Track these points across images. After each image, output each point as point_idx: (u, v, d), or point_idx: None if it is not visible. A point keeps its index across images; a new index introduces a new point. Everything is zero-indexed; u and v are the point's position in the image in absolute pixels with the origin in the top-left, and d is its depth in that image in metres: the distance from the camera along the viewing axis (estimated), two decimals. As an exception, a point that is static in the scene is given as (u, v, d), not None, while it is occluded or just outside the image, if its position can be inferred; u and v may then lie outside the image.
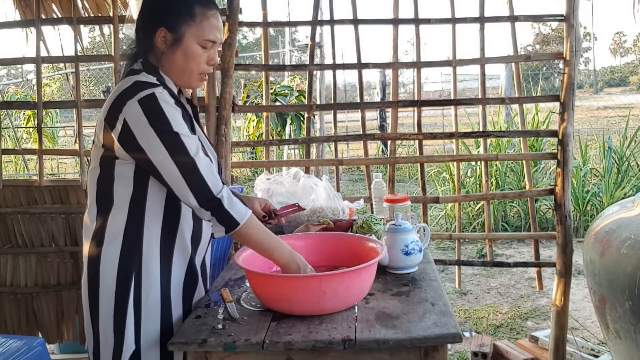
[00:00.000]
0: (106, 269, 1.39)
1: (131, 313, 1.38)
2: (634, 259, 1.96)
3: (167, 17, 1.41)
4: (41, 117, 2.72)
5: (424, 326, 1.27)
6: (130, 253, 1.38)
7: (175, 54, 1.42)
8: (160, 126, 1.32)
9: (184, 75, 1.45)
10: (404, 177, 8.28)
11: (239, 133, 10.44)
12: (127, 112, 1.33)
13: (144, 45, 1.44)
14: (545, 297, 3.93)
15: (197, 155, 1.35)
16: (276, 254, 1.44)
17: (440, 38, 3.64)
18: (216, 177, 1.38)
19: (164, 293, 1.42)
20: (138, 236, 1.39)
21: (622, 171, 5.88)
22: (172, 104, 1.36)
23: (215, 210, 1.35)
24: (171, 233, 1.43)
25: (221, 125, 2.60)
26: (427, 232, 1.80)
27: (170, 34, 1.41)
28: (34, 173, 8.17)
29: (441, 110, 12.53)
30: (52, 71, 11.80)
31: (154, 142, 1.32)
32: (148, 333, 1.40)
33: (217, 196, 1.35)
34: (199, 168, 1.34)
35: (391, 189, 2.72)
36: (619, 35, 46.61)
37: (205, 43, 1.43)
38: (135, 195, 1.39)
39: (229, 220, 1.37)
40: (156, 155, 1.33)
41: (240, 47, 17.39)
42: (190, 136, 1.36)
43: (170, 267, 1.43)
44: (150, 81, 1.38)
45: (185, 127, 1.36)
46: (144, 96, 1.33)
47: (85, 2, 2.74)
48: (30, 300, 2.80)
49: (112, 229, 1.39)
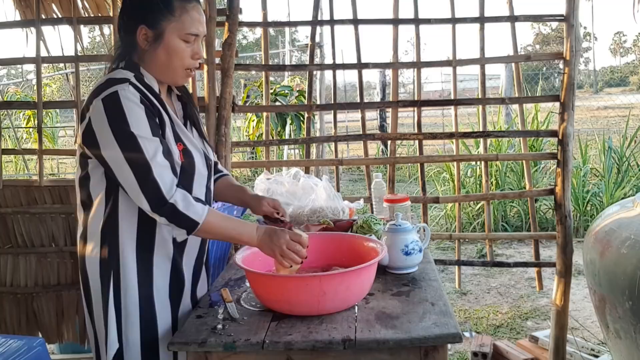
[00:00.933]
0: (90, 268, 1.40)
1: (112, 312, 1.37)
2: (634, 259, 1.96)
3: (146, 14, 1.39)
4: (41, 117, 2.72)
5: (424, 326, 1.27)
6: (109, 251, 1.38)
7: (158, 51, 1.40)
8: (117, 126, 1.31)
9: (168, 71, 1.43)
10: (404, 177, 8.27)
11: (239, 133, 10.44)
12: (91, 110, 1.33)
13: (126, 44, 1.42)
14: (545, 297, 3.92)
15: (153, 158, 1.31)
16: (245, 237, 1.42)
17: (440, 38, 3.63)
18: (171, 182, 1.33)
19: (144, 294, 1.40)
20: (114, 234, 1.38)
21: (622, 171, 5.88)
22: (135, 102, 1.33)
23: (170, 216, 1.32)
24: (148, 232, 1.40)
25: (221, 125, 2.60)
26: (427, 232, 1.80)
27: (151, 30, 1.39)
28: (34, 173, 8.17)
29: (441, 110, 12.54)
30: (52, 71, 11.81)
31: (109, 142, 1.31)
32: (128, 333, 1.39)
33: (169, 201, 1.31)
34: (152, 171, 1.31)
35: (391, 189, 2.71)
36: (619, 35, 46.63)
37: (188, 37, 1.41)
38: (108, 193, 1.38)
39: (188, 221, 1.34)
40: (111, 155, 1.32)
41: (240, 47, 17.41)
42: (149, 138, 1.32)
43: (151, 267, 1.41)
44: (120, 77, 1.36)
45: (146, 127, 1.33)
46: (107, 94, 1.32)
47: (85, 2, 2.74)
48: (30, 300, 2.79)
49: (92, 228, 1.40)
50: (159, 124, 1.38)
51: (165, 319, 1.44)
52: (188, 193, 1.37)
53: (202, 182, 1.50)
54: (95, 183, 1.39)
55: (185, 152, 1.44)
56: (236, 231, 1.42)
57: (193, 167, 1.45)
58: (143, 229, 1.40)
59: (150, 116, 1.35)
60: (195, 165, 1.47)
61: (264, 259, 1.53)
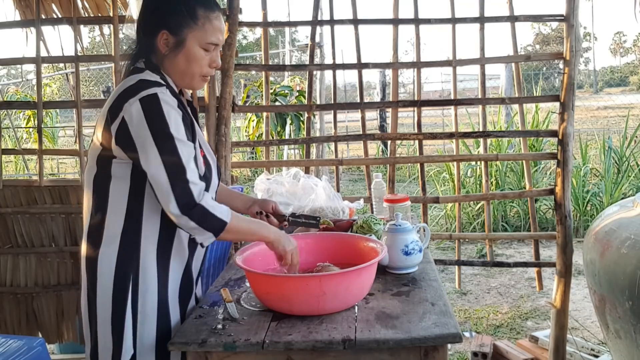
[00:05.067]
0: (104, 271, 1.36)
1: (129, 317, 1.35)
2: (634, 259, 1.96)
3: (169, 19, 1.38)
4: (41, 117, 2.72)
5: (424, 326, 1.27)
6: (128, 255, 1.36)
7: (178, 57, 1.40)
8: (157, 127, 1.30)
9: (185, 77, 1.43)
10: (404, 177, 8.27)
11: (239, 133, 10.44)
12: (127, 110, 1.30)
13: (145, 46, 1.42)
14: (545, 297, 3.92)
15: (188, 162, 1.32)
16: (264, 232, 1.47)
17: (440, 38, 3.64)
18: (201, 187, 1.34)
19: (161, 297, 1.40)
20: (136, 238, 1.37)
21: (622, 171, 5.88)
22: (174, 106, 1.34)
23: (200, 217, 1.31)
24: (169, 236, 1.40)
25: (221, 125, 2.60)
26: (427, 232, 1.80)
27: (173, 36, 1.39)
28: (34, 173, 8.17)
29: (441, 110, 12.55)
30: (52, 71, 11.80)
31: (147, 142, 1.29)
32: (144, 337, 1.38)
33: (199, 203, 1.31)
34: (187, 175, 1.30)
35: (391, 189, 2.71)
36: (619, 35, 46.63)
37: (208, 46, 1.41)
38: (132, 196, 1.37)
39: (216, 222, 1.34)
40: (147, 155, 1.30)
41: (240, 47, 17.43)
42: (185, 142, 1.33)
43: (168, 271, 1.41)
44: (154, 80, 1.36)
45: (183, 131, 1.33)
46: (146, 95, 1.31)
47: (85, 2, 2.74)
48: (30, 300, 2.79)
49: (110, 231, 1.37)
50: (191, 129, 1.39)
51: (176, 321, 1.44)
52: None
53: (215, 187, 1.52)
54: (118, 184, 1.37)
55: (205, 159, 1.46)
56: (253, 229, 1.46)
57: (211, 175, 1.46)
58: (164, 234, 1.39)
59: (184, 121, 1.36)
60: (213, 174, 1.48)
61: (264, 258, 1.53)
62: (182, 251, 1.44)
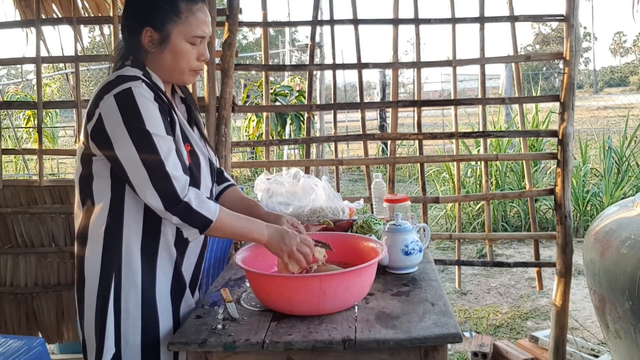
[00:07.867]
0: (90, 269, 1.36)
1: (111, 315, 1.35)
2: (634, 259, 1.96)
3: (151, 15, 1.36)
4: (41, 117, 2.72)
5: (424, 326, 1.27)
6: (112, 253, 1.35)
7: (164, 53, 1.38)
8: (132, 123, 1.28)
9: (174, 73, 1.41)
10: (404, 177, 8.27)
11: (239, 133, 10.44)
12: (103, 107, 1.29)
13: (131, 44, 1.40)
14: (545, 297, 3.92)
15: (167, 157, 1.29)
16: (255, 234, 1.41)
17: (440, 38, 3.64)
18: (184, 181, 1.31)
19: (147, 295, 1.37)
20: (118, 236, 1.35)
21: (622, 171, 5.88)
22: (150, 99, 1.31)
23: (184, 214, 1.30)
24: (153, 234, 1.38)
25: (221, 125, 2.60)
26: (427, 232, 1.80)
27: (157, 33, 1.37)
28: (34, 173, 8.17)
29: (441, 110, 12.54)
30: (52, 71, 11.81)
31: (123, 139, 1.28)
32: (129, 336, 1.36)
33: (183, 199, 1.30)
34: (167, 170, 1.28)
35: (391, 189, 2.71)
36: (619, 35, 46.65)
37: (194, 39, 1.39)
38: (113, 194, 1.35)
39: (201, 219, 1.32)
40: (124, 152, 1.28)
41: (240, 47, 17.41)
42: (163, 137, 1.31)
43: (155, 269, 1.39)
44: (131, 74, 1.34)
45: (160, 125, 1.31)
46: (120, 90, 1.29)
47: (85, 2, 2.74)
48: (30, 300, 2.79)
49: (94, 229, 1.36)
50: (170, 123, 1.37)
51: (167, 320, 1.42)
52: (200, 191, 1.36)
53: (207, 185, 1.49)
54: (100, 183, 1.36)
55: (192, 154, 1.43)
56: (247, 229, 1.41)
57: (199, 170, 1.44)
58: (148, 231, 1.38)
59: (163, 114, 1.33)
60: (201, 168, 1.45)
61: (264, 258, 1.53)
62: (169, 250, 1.41)
